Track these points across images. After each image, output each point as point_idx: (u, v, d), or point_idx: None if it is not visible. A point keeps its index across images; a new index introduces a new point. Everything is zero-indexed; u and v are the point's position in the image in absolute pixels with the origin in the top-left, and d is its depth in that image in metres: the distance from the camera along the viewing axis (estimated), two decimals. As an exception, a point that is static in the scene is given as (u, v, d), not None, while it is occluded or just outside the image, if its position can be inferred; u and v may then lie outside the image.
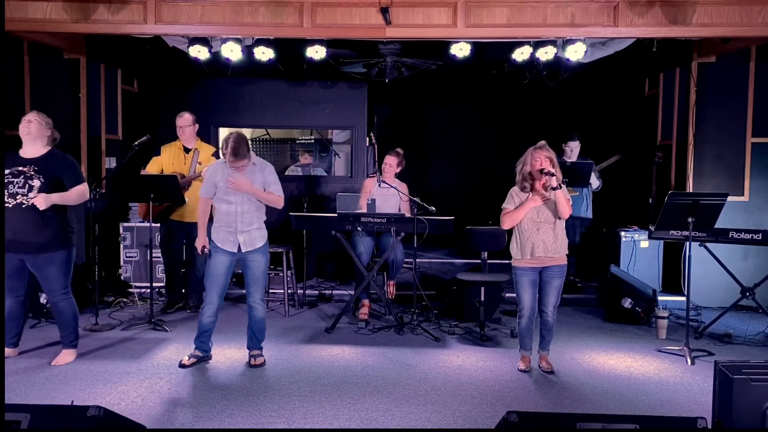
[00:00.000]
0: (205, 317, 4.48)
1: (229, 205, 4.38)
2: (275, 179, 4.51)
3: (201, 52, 5.91)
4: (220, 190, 4.39)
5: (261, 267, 4.48)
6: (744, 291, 5.38)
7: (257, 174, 4.43)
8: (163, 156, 5.84)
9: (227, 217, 4.40)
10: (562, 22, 5.34)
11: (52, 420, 2.56)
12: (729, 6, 5.23)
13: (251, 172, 4.40)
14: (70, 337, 4.52)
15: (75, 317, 4.52)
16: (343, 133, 8.73)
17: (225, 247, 4.40)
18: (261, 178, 4.44)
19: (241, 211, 4.38)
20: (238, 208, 4.38)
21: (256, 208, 4.45)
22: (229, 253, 4.41)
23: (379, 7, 5.27)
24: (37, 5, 5.31)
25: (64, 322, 4.47)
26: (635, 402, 3.96)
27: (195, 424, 3.53)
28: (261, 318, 4.54)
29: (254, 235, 4.43)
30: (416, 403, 3.87)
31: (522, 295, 4.40)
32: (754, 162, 6.43)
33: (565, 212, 4.32)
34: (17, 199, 4.17)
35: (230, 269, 4.47)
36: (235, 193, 4.35)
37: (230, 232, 4.39)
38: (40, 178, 4.22)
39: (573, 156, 6.66)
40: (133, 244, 6.58)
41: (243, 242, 4.40)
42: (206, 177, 4.52)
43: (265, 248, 4.51)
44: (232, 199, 4.37)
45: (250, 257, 4.44)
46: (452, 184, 9.23)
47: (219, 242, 4.42)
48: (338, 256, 7.08)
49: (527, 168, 4.33)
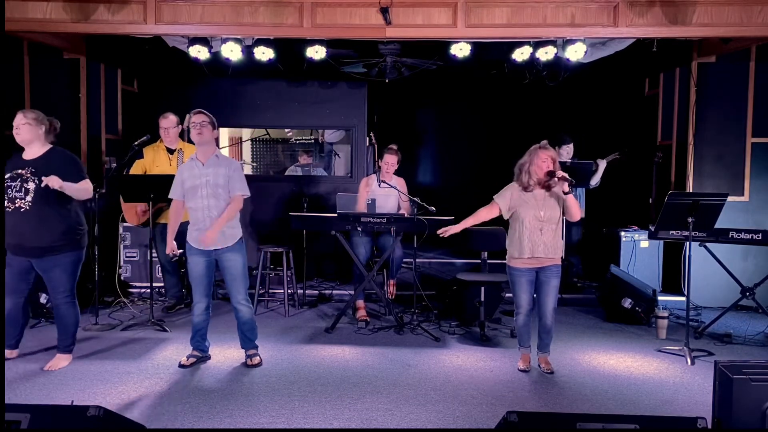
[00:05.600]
0: (196, 317, 4.49)
1: (196, 201, 4.34)
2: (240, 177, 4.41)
3: (201, 52, 5.91)
4: (187, 189, 4.35)
5: (238, 266, 4.42)
6: (744, 291, 5.38)
7: (221, 168, 4.35)
8: (146, 158, 5.82)
9: (195, 214, 4.36)
10: (562, 22, 5.34)
11: (52, 420, 2.55)
12: (729, 6, 5.23)
13: (215, 165, 4.35)
14: (67, 341, 4.45)
15: (76, 323, 4.45)
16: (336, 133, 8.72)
17: (198, 245, 4.36)
18: (225, 172, 4.35)
19: (208, 206, 4.32)
20: (204, 202, 4.32)
21: (225, 203, 4.34)
22: (202, 251, 4.37)
23: (379, 7, 5.26)
24: (37, 5, 5.31)
25: (63, 326, 4.41)
26: (635, 402, 3.96)
27: (195, 424, 3.53)
28: (248, 318, 4.51)
29: (226, 233, 4.35)
30: (416, 403, 3.87)
31: (520, 294, 4.40)
32: (754, 162, 6.43)
33: (576, 215, 4.35)
34: (16, 203, 4.13)
35: (210, 268, 4.44)
36: (202, 189, 4.31)
37: (201, 229, 4.34)
38: (35, 180, 4.14)
39: (567, 158, 6.65)
40: (133, 244, 6.58)
41: (213, 239, 4.32)
42: (175, 178, 4.47)
43: (239, 246, 4.43)
44: (199, 195, 4.32)
45: (225, 257, 4.39)
46: (452, 183, 9.24)
47: (193, 242, 4.39)
48: (338, 256, 7.08)
49: (533, 167, 4.31)
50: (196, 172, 4.35)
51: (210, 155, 4.38)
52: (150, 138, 5.60)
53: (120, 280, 6.45)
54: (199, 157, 4.40)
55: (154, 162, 5.79)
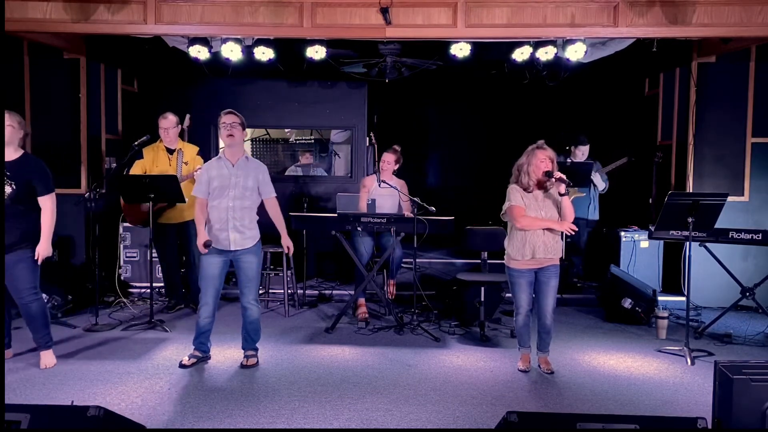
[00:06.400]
0: (202, 318, 4.48)
1: (221, 201, 4.35)
2: (269, 180, 4.53)
3: (201, 52, 5.91)
4: (214, 188, 4.36)
5: (254, 267, 4.44)
6: (744, 291, 5.38)
7: (251, 171, 4.41)
8: (146, 159, 5.82)
9: (219, 214, 4.37)
10: (562, 22, 5.34)
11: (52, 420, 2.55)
12: (729, 6, 5.23)
13: (245, 167, 4.39)
14: (46, 338, 4.40)
15: (46, 316, 4.41)
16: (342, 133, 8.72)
17: (217, 245, 4.37)
18: (255, 175, 4.42)
19: (233, 207, 4.35)
20: (230, 203, 4.34)
21: (250, 205, 4.41)
22: (221, 252, 4.39)
23: (379, 7, 5.26)
24: (37, 5, 5.31)
25: (36, 323, 4.35)
26: (635, 402, 3.96)
27: (195, 424, 3.53)
28: (255, 318, 4.53)
29: (246, 234, 4.39)
30: (416, 403, 3.87)
31: (519, 295, 4.40)
32: (754, 162, 6.43)
33: (570, 217, 4.34)
34: None
35: (224, 269, 4.46)
36: (230, 190, 4.34)
37: (222, 229, 4.36)
38: (12, 185, 4.13)
39: (582, 159, 6.65)
40: (133, 244, 6.58)
41: (234, 240, 4.35)
42: (200, 176, 4.49)
43: (257, 248, 4.47)
44: (226, 195, 4.34)
45: (242, 258, 4.41)
46: (452, 183, 9.24)
47: (212, 242, 4.41)
48: (338, 256, 7.07)
49: (532, 168, 4.30)
50: (226, 172, 4.36)
51: (239, 156, 4.40)
52: (150, 138, 5.59)
53: (120, 280, 6.45)
54: (228, 157, 4.40)
55: (154, 162, 5.79)
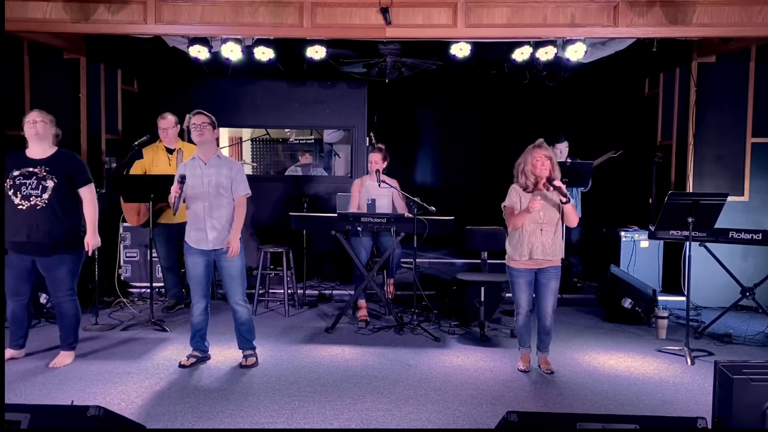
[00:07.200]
0: (195, 317, 4.49)
1: (197, 200, 4.34)
2: (243, 177, 4.44)
3: (201, 52, 5.91)
4: (187, 187, 4.33)
5: (236, 267, 4.42)
6: (744, 291, 5.38)
7: (224, 169, 4.37)
8: (146, 158, 5.82)
9: (195, 214, 4.36)
10: (562, 22, 5.34)
11: (52, 420, 2.56)
12: (729, 6, 5.23)
13: (217, 166, 4.37)
14: (70, 339, 4.51)
15: (78, 320, 4.52)
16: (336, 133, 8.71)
17: (198, 246, 4.37)
18: (228, 173, 4.36)
19: (209, 206, 4.32)
20: (205, 202, 4.32)
21: (226, 204, 4.36)
22: (201, 251, 4.38)
23: (379, 7, 5.26)
24: (37, 5, 5.31)
25: (66, 323, 4.47)
26: (635, 402, 3.96)
27: (195, 424, 3.53)
28: (246, 319, 4.51)
29: (224, 234, 4.36)
30: (416, 403, 3.87)
31: (519, 295, 4.40)
32: (754, 162, 6.43)
33: (574, 221, 4.36)
34: (31, 201, 4.20)
35: (209, 268, 4.44)
36: (204, 188, 4.31)
37: (200, 229, 4.35)
38: (53, 179, 4.25)
39: (562, 158, 6.64)
40: (133, 244, 6.58)
41: (212, 240, 4.33)
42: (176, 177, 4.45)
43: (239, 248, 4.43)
44: (200, 195, 4.33)
45: (224, 257, 4.38)
46: (452, 183, 9.23)
47: (192, 242, 4.40)
48: (338, 256, 7.08)
49: (529, 167, 4.30)
50: (198, 171, 4.36)
51: (212, 155, 4.39)
52: (150, 138, 5.59)
53: (120, 280, 6.45)
54: (201, 157, 4.40)
55: (153, 162, 5.79)
